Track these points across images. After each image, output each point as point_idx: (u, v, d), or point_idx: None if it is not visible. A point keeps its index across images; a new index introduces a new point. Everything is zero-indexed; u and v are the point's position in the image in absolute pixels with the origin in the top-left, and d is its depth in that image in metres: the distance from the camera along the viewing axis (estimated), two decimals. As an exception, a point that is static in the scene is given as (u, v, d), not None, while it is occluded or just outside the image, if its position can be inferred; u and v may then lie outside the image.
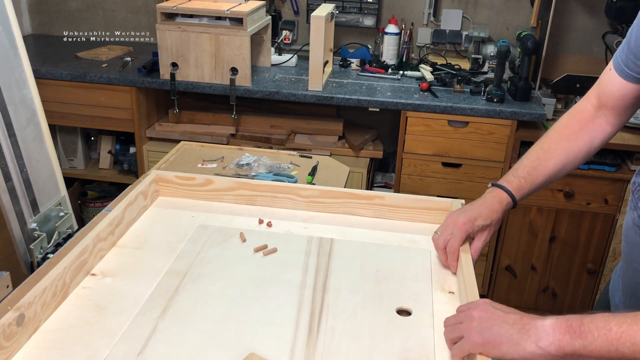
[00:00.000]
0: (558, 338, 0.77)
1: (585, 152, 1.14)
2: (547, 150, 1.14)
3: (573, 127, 1.14)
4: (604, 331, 0.75)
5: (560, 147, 1.13)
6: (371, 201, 1.28)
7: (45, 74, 2.52)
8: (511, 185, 1.13)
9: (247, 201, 1.32)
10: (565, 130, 1.15)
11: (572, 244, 2.49)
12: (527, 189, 1.14)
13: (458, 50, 2.89)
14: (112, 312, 0.95)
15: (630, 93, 1.06)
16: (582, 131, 1.13)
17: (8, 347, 0.83)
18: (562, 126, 1.16)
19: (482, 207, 1.10)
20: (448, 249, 1.08)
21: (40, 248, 1.21)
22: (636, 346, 0.73)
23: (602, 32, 2.68)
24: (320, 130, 2.68)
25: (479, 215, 1.09)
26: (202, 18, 2.43)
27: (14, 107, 1.18)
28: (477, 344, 0.82)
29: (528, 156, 1.15)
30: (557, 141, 1.14)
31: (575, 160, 1.14)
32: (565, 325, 0.78)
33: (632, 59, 1.02)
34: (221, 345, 0.88)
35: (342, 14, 2.83)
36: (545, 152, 1.14)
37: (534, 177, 1.13)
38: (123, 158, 2.79)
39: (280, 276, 1.07)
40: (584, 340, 0.75)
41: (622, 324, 0.75)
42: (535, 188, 1.14)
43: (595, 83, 1.14)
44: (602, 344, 0.74)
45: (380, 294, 1.02)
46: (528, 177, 1.13)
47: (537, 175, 1.13)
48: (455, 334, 0.87)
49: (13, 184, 1.17)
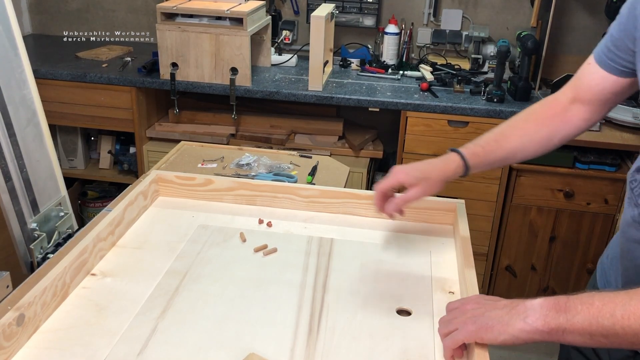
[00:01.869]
0: (544, 314, 0.79)
1: (547, 139, 1.12)
2: (514, 126, 1.14)
3: (544, 113, 1.14)
4: (587, 305, 0.77)
5: (527, 127, 1.13)
6: (371, 201, 1.28)
7: (45, 74, 2.52)
8: (467, 150, 1.12)
9: (247, 201, 1.32)
10: (534, 115, 1.15)
11: (572, 244, 2.49)
12: (483, 158, 1.12)
13: (458, 50, 2.89)
14: (112, 312, 0.95)
15: (609, 86, 1.05)
16: (551, 119, 1.12)
17: (8, 347, 0.83)
18: (533, 110, 1.16)
19: (426, 163, 1.12)
20: (376, 189, 1.11)
21: (40, 248, 1.21)
22: (614, 317, 0.75)
23: (602, 32, 2.68)
24: (320, 130, 2.68)
25: (417, 167, 1.10)
26: (202, 18, 2.43)
27: (14, 107, 1.18)
28: (470, 332, 0.84)
29: (494, 129, 1.15)
30: (525, 121, 1.14)
31: (537, 145, 1.12)
32: (552, 302, 0.80)
33: (614, 51, 1.03)
34: (221, 345, 0.88)
35: (342, 14, 2.83)
36: (510, 127, 1.14)
37: (492, 148, 1.12)
38: (123, 158, 2.79)
39: (280, 276, 1.07)
40: (568, 314, 0.78)
41: (604, 298, 0.77)
42: (492, 160, 1.13)
43: (572, 78, 1.13)
44: (584, 317, 0.77)
45: (380, 294, 1.02)
46: (486, 146, 1.12)
47: (496, 148, 1.12)
48: (449, 328, 0.87)
49: (13, 184, 1.17)
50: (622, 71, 1.03)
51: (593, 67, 1.08)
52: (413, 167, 1.10)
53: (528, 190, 2.42)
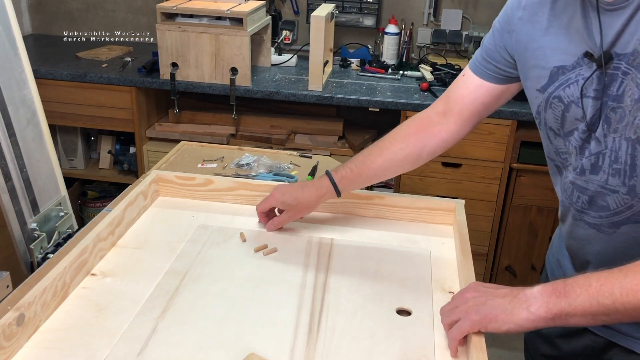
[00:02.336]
0: (546, 301, 0.81)
1: (415, 155, 1.18)
2: (381, 147, 1.19)
3: (410, 130, 1.19)
4: (585, 287, 0.80)
5: (392, 146, 1.18)
6: (371, 201, 1.28)
7: (45, 74, 2.52)
8: (338, 174, 1.19)
9: (247, 201, 1.32)
10: (402, 132, 1.20)
11: (572, 244, 2.49)
12: (351, 180, 1.18)
13: (458, 50, 2.89)
14: (112, 312, 0.95)
15: (481, 95, 1.11)
16: (417, 135, 1.17)
17: (8, 347, 0.83)
18: (401, 128, 1.21)
19: (300, 188, 1.20)
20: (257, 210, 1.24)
21: (40, 248, 1.21)
22: (614, 296, 0.77)
23: (602, 32, 2.68)
24: (320, 130, 2.68)
25: (291, 193, 1.19)
26: (202, 18, 2.43)
27: (14, 107, 1.18)
28: (475, 321, 0.85)
29: (364, 150, 1.21)
30: (391, 141, 1.19)
31: (404, 162, 1.18)
32: (551, 289, 0.82)
33: (489, 61, 1.08)
34: (221, 345, 0.88)
35: (342, 14, 2.83)
36: (378, 149, 1.19)
37: (360, 169, 1.18)
38: (123, 158, 2.79)
39: (280, 276, 1.07)
40: (568, 299, 0.80)
41: (600, 278, 0.80)
42: (363, 180, 1.19)
43: (445, 92, 1.18)
44: (585, 299, 0.79)
45: (380, 294, 1.02)
46: (355, 169, 1.18)
47: (364, 169, 1.18)
48: (452, 318, 0.89)
49: (13, 184, 1.17)
50: (499, 78, 1.09)
51: (468, 77, 1.12)
52: (286, 192, 1.20)
53: (528, 190, 2.42)
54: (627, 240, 0.93)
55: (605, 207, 0.93)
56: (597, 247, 0.99)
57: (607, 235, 0.95)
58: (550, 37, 0.95)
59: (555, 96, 0.96)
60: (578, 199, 0.98)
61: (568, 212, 1.02)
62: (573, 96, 0.93)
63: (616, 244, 0.95)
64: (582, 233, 1.00)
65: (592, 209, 0.96)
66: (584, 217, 0.98)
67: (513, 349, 2.50)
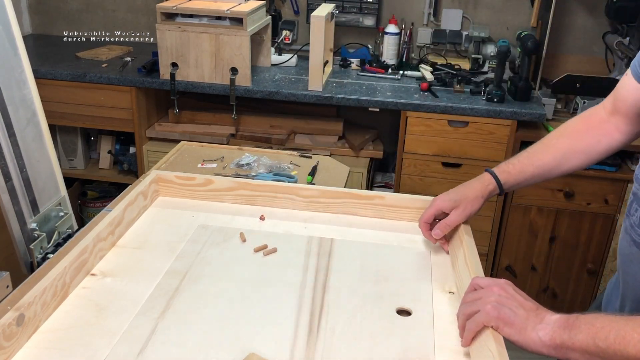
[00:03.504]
0: (554, 330, 0.80)
1: (585, 152, 1.13)
2: (547, 144, 1.15)
3: (578, 127, 1.14)
4: (589, 325, 0.78)
5: (560, 143, 1.14)
6: (371, 201, 1.28)
7: (45, 74, 2.52)
8: (499, 169, 1.15)
9: (247, 201, 1.32)
10: (569, 129, 1.15)
11: (572, 244, 2.49)
12: (515, 175, 1.14)
13: (458, 50, 2.89)
14: (112, 312, 0.95)
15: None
16: (587, 132, 1.13)
17: (8, 347, 0.83)
18: (568, 125, 1.16)
19: (462, 185, 1.15)
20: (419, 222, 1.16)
21: (40, 248, 1.21)
22: (608, 340, 0.76)
23: (602, 32, 2.68)
24: (320, 130, 2.68)
25: (454, 191, 1.14)
26: (202, 18, 2.43)
27: (14, 107, 1.18)
28: (491, 317, 0.84)
29: (528, 148, 1.17)
30: (557, 138, 1.15)
31: (573, 160, 1.13)
32: (564, 320, 0.81)
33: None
34: (221, 345, 0.88)
35: (342, 14, 2.83)
36: (543, 146, 1.15)
37: (524, 165, 1.14)
38: (123, 158, 2.79)
39: (280, 276, 1.07)
40: (571, 332, 0.79)
41: (606, 319, 0.78)
42: (525, 178, 1.15)
43: (613, 90, 1.12)
44: (584, 337, 0.78)
45: (380, 294, 1.02)
46: (518, 164, 1.15)
47: (529, 165, 1.14)
48: (472, 309, 0.87)
49: (13, 184, 1.17)
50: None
51: (629, 78, 1.06)
52: (450, 192, 1.15)
53: (528, 190, 2.42)
54: None
55: None
56: (635, 268, 0.96)
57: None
58: None
59: None
60: (635, 211, 0.96)
61: (625, 222, 0.99)
62: None
63: None
64: (627, 249, 0.97)
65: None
66: (632, 233, 0.96)
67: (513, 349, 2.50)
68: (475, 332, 0.86)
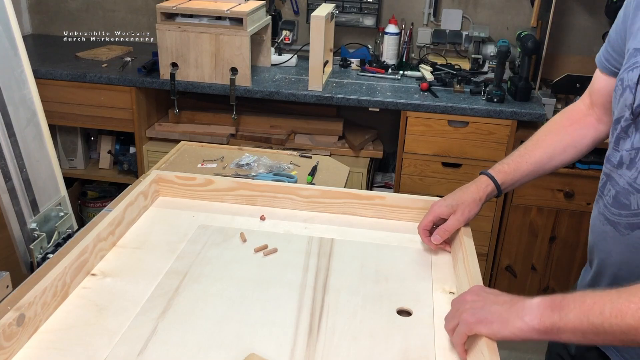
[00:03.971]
0: (540, 312, 0.80)
1: (573, 146, 1.15)
2: (536, 141, 1.17)
3: (563, 123, 1.18)
4: (579, 303, 0.78)
5: (549, 140, 1.16)
6: (371, 201, 1.28)
7: (45, 74, 2.52)
8: (494, 170, 1.17)
9: (247, 201, 1.32)
10: (555, 126, 1.18)
11: (572, 244, 2.49)
12: (511, 174, 1.16)
13: (458, 50, 2.89)
14: (112, 312, 0.95)
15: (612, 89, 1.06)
16: (571, 127, 1.16)
17: (8, 347, 0.83)
18: (553, 122, 1.20)
19: (459, 190, 1.16)
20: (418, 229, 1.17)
21: (40, 248, 1.21)
22: (603, 315, 0.75)
23: (602, 32, 2.68)
24: (320, 130, 2.68)
25: (451, 196, 1.15)
26: (202, 18, 2.43)
27: (14, 107, 1.18)
28: (469, 323, 0.84)
29: (519, 147, 1.20)
30: (546, 134, 1.18)
31: (564, 154, 1.16)
32: (549, 301, 0.81)
33: (611, 53, 1.05)
34: (221, 345, 0.88)
35: (342, 14, 2.83)
36: (533, 143, 1.17)
37: (518, 163, 1.16)
38: (123, 158, 2.79)
39: (280, 276, 1.07)
40: (561, 312, 0.78)
41: (595, 295, 0.78)
42: (521, 175, 1.16)
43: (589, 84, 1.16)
44: (576, 315, 0.77)
45: (381, 294, 1.02)
46: (512, 163, 1.16)
47: (522, 163, 1.16)
48: (453, 323, 0.88)
49: (13, 184, 1.17)
50: (613, 71, 1.05)
51: (597, 71, 1.10)
52: (447, 198, 1.15)
53: (528, 190, 2.42)
54: (638, 246, 0.92)
55: (627, 206, 0.92)
56: (610, 245, 0.97)
57: (621, 235, 0.94)
58: None
59: (620, 78, 0.94)
60: (609, 192, 0.97)
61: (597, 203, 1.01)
62: (631, 81, 0.90)
63: (627, 246, 0.94)
64: (600, 228, 0.99)
65: (614, 204, 0.95)
66: (605, 212, 0.97)
67: (513, 349, 2.50)
68: (462, 345, 0.86)
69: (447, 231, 1.13)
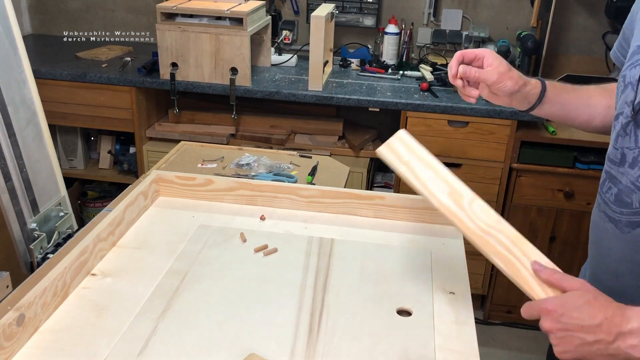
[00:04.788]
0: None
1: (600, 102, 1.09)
2: (587, 87, 1.12)
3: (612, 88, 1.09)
4: None
5: (598, 91, 1.11)
6: (371, 201, 1.28)
7: (45, 74, 2.52)
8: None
9: (247, 201, 1.32)
10: (607, 86, 1.13)
11: (572, 244, 2.49)
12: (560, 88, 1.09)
13: (458, 50, 2.88)
14: (112, 312, 0.95)
15: None
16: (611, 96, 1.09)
17: (8, 347, 0.83)
18: (605, 84, 1.14)
19: None
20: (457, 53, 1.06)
21: (40, 248, 1.21)
22: None
23: (602, 32, 2.68)
24: (320, 130, 2.68)
25: None
26: (202, 18, 2.43)
27: (14, 107, 1.18)
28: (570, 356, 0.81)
29: None
30: (597, 88, 1.12)
31: (608, 109, 1.07)
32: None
33: (625, 47, 1.03)
34: (221, 346, 0.88)
35: (342, 14, 2.83)
36: (584, 87, 1.12)
37: (568, 88, 1.10)
38: (123, 158, 2.79)
39: (280, 276, 1.07)
40: None
41: None
42: (567, 98, 1.09)
43: None
44: None
45: (381, 294, 1.02)
46: (561, 85, 1.10)
47: (571, 89, 1.10)
48: (534, 316, 0.85)
49: (13, 184, 1.17)
50: None
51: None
52: None
53: (528, 190, 2.42)
54: (639, 244, 0.92)
55: (628, 204, 0.92)
56: (610, 243, 0.97)
57: (622, 233, 0.94)
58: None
59: (622, 74, 0.93)
60: (609, 189, 0.96)
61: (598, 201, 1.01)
62: (633, 78, 0.90)
63: (628, 244, 0.94)
64: (601, 225, 0.99)
65: (615, 203, 0.95)
66: (606, 210, 0.97)
67: (513, 349, 2.50)
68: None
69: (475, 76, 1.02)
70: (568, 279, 0.85)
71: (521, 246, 0.89)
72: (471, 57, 1.04)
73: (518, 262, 0.88)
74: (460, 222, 0.91)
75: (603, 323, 0.78)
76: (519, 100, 1.06)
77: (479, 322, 2.64)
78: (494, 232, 0.90)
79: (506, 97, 1.04)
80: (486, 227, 0.90)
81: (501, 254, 0.88)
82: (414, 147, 0.95)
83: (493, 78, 1.01)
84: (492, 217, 0.90)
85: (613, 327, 0.78)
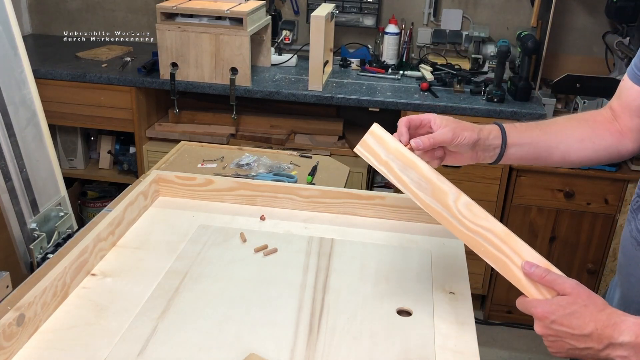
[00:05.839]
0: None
1: (590, 140, 1.03)
2: (554, 120, 1.06)
3: (585, 117, 1.07)
4: None
5: (568, 123, 1.04)
6: (371, 201, 1.28)
7: (45, 74, 2.52)
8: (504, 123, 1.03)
9: (247, 201, 1.32)
10: (576, 117, 1.08)
11: (572, 244, 2.49)
12: (522, 132, 1.01)
13: (458, 50, 2.89)
14: (112, 312, 0.95)
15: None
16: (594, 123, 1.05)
17: (8, 347, 0.83)
18: (573, 115, 1.09)
19: None
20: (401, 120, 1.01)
21: (40, 248, 1.21)
22: None
23: (602, 32, 2.68)
24: (320, 130, 2.68)
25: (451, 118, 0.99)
26: (202, 18, 2.43)
27: (14, 107, 1.18)
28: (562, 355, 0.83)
29: None
30: (565, 119, 1.06)
31: (580, 143, 1.02)
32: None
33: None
34: (221, 346, 0.88)
35: (342, 14, 2.83)
36: (551, 120, 1.06)
37: (529, 125, 1.03)
38: (123, 158, 2.79)
39: (280, 276, 1.07)
40: None
41: None
42: (530, 139, 1.01)
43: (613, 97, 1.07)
44: None
45: (381, 294, 1.02)
46: (524, 125, 1.03)
47: (534, 127, 1.02)
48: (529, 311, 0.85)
49: (13, 184, 1.17)
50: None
51: (627, 82, 1.02)
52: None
53: (528, 190, 2.42)
54: None
55: None
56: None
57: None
58: None
59: None
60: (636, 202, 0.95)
61: (630, 224, 0.98)
62: None
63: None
64: (632, 252, 0.97)
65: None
66: (638, 236, 0.95)
67: (513, 349, 2.50)
68: None
69: (430, 143, 0.95)
70: (560, 281, 0.84)
71: (511, 243, 0.88)
72: (417, 123, 0.99)
73: (509, 260, 0.87)
74: (448, 222, 0.91)
75: (593, 333, 0.79)
76: (482, 150, 1.00)
77: (479, 322, 2.64)
78: (482, 231, 0.89)
79: (469, 151, 0.99)
80: (474, 226, 0.90)
81: (492, 254, 0.88)
82: (389, 143, 0.94)
83: (449, 136, 0.95)
84: (478, 214, 0.90)
85: (604, 338, 0.78)
